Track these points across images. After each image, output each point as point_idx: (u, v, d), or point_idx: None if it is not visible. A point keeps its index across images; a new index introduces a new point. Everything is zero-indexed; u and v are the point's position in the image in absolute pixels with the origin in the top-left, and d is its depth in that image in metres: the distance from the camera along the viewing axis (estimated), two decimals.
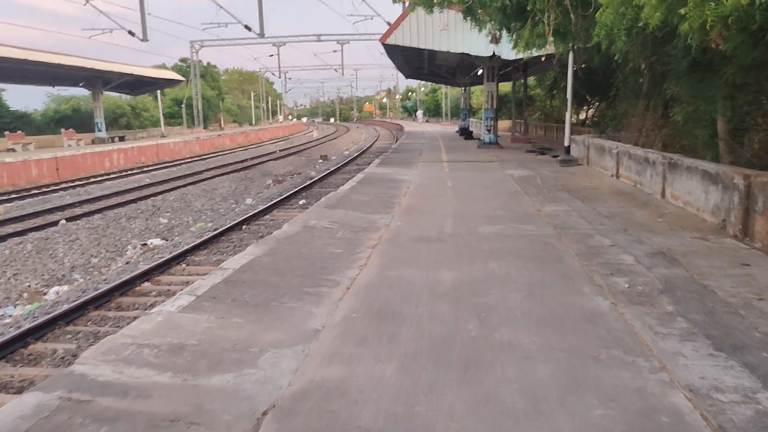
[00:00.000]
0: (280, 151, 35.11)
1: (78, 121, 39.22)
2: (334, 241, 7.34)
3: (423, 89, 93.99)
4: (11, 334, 6.46)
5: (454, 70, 35.21)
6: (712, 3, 4.51)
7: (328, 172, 21.31)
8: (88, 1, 26.36)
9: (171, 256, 9.65)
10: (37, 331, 6.72)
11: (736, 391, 3.27)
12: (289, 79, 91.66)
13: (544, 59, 17.15)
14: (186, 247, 10.16)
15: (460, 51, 21.46)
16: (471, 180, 13.59)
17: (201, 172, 23.74)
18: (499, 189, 11.90)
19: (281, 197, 15.40)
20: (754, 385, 3.33)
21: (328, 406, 3.17)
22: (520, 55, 10.01)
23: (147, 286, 8.50)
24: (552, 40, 8.43)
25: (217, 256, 9.90)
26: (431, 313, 4.61)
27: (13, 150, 25.93)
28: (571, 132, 17.35)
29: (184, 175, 22.76)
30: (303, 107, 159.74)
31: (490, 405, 3.17)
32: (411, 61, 31.75)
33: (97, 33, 33.65)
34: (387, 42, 21.85)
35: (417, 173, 15.23)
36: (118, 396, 3.26)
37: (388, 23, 25.43)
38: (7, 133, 27.94)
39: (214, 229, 11.84)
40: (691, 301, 4.78)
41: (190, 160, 31.68)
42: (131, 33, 29.05)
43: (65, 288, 9.32)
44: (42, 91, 43.19)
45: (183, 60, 58.63)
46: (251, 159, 29.65)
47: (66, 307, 7.45)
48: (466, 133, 33.48)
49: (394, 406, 3.18)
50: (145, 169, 26.59)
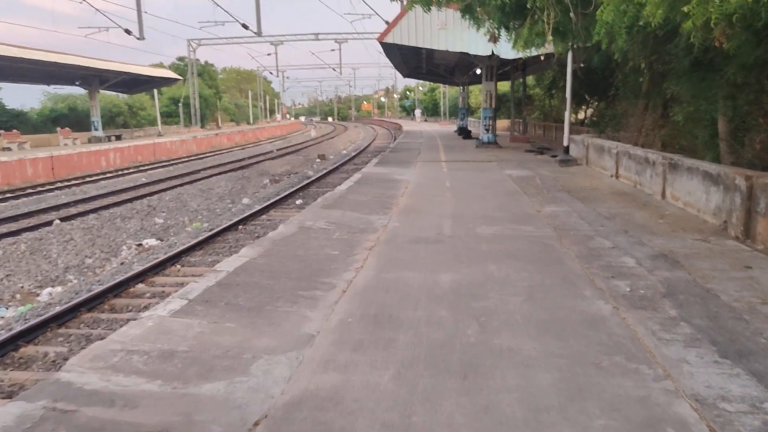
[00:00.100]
0: (278, 150, 34.99)
1: (74, 119, 38.96)
2: (331, 242, 7.23)
3: (421, 88, 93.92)
4: (2, 337, 6.35)
5: (452, 69, 35.11)
6: (717, 0, 4.42)
7: (326, 171, 21.21)
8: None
9: (166, 256, 9.55)
10: (29, 334, 6.64)
11: (743, 400, 3.17)
12: (287, 78, 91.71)
13: (543, 58, 17.03)
14: (181, 248, 10.06)
15: (458, 50, 21.36)
16: (469, 180, 13.50)
17: (197, 172, 23.63)
18: (498, 189, 11.81)
19: (278, 197, 15.31)
20: (761, 394, 3.23)
21: (321, 417, 3.07)
22: (518, 55, 9.89)
23: (141, 287, 8.40)
24: (551, 39, 8.32)
25: (212, 256, 9.80)
26: (429, 317, 4.51)
27: (8, 149, 25.75)
28: (570, 132, 17.26)
29: (181, 175, 22.66)
30: (301, 106, 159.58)
31: (490, 415, 3.06)
32: (409, 60, 31.63)
33: (93, 31, 33.53)
34: (385, 41, 21.74)
35: (415, 173, 15.14)
36: (104, 405, 3.14)
37: (386, 22, 25.32)
38: (2, 132, 27.73)
39: (210, 230, 11.73)
40: (695, 306, 4.69)
41: (186, 159, 31.55)
42: (128, 31, 28.87)
43: (59, 289, 9.21)
44: (38, 89, 42.90)
45: (180, 59, 58.43)
46: (248, 158, 29.54)
47: (58, 309, 7.37)
48: (464, 132, 33.38)
49: (391, 416, 3.07)
50: (141, 168, 26.47)
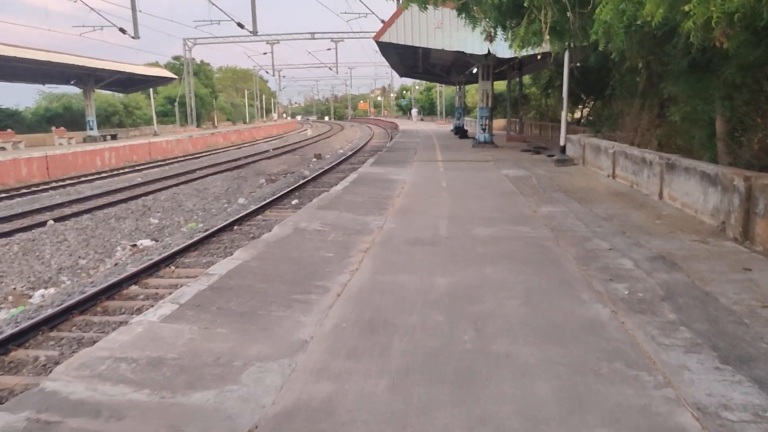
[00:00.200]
0: (274, 149, 34.88)
1: (69, 119, 38.79)
2: (326, 244, 7.14)
3: (418, 88, 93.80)
4: None
5: (448, 68, 35.03)
6: None
7: (322, 171, 21.12)
8: None
9: (160, 257, 9.46)
10: (20, 337, 6.56)
11: (745, 409, 3.10)
12: (284, 77, 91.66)
13: (539, 58, 16.96)
14: (176, 249, 9.98)
15: (454, 49, 21.27)
16: (466, 180, 13.42)
17: (193, 171, 23.52)
18: (495, 189, 11.74)
19: (274, 197, 15.23)
20: (764, 402, 3.16)
21: (313, 428, 2.98)
22: (515, 54, 9.82)
23: (134, 289, 8.31)
24: (548, 38, 8.25)
25: (207, 257, 9.71)
26: (425, 322, 4.42)
27: (3, 149, 25.58)
28: (567, 131, 17.20)
29: (176, 174, 22.54)
30: (298, 105, 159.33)
31: (487, 427, 2.98)
32: (405, 59, 31.54)
33: (87, 30, 33.34)
34: (381, 40, 21.63)
35: (411, 173, 15.05)
36: (89, 417, 3.05)
37: (382, 21, 25.23)
38: None
39: (205, 230, 11.64)
40: (694, 309, 4.62)
41: (182, 158, 31.42)
42: (122, 30, 28.69)
43: (51, 291, 9.11)
44: (33, 88, 42.71)
45: (176, 58, 58.20)
46: (244, 158, 29.42)
47: (50, 311, 7.27)
48: (461, 131, 33.33)
49: (385, 428, 2.98)
50: (136, 168, 26.33)
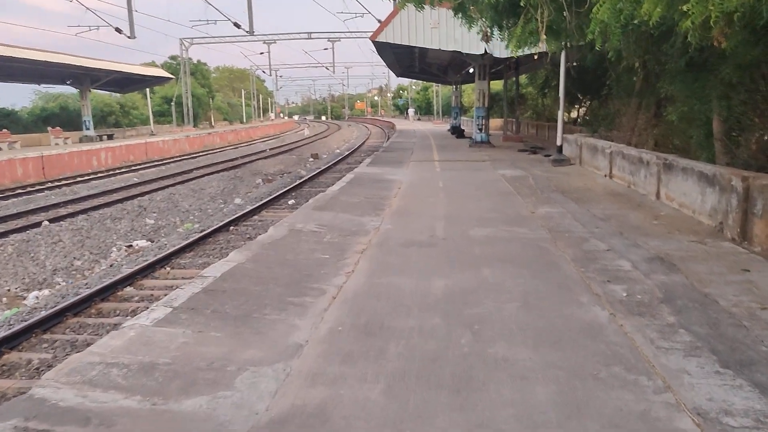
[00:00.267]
0: (271, 149, 34.80)
1: (66, 119, 38.61)
2: (322, 245, 7.08)
3: (414, 87, 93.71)
4: None
5: (445, 68, 34.97)
6: None
7: (319, 171, 21.05)
8: None
9: (155, 258, 9.40)
10: (13, 340, 6.49)
11: (746, 414, 3.05)
12: (281, 77, 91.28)
13: (536, 57, 16.93)
14: (171, 250, 9.92)
15: (451, 49, 21.23)
16: (463, 180, 13.37)
17: (190, 171, 23.42)
18: (491, 189, 11.70)
19: (270, 197, 15.17)
20: (765, 408, 3.10)
21: None
22: (511, 53, 9.76)
23: (129, 290, 8.25)
24: (545, 37, 8.20)
25: (203, 258, 9.65)
26: (421, 326, 4.37)
27: None
28: (563, 131, 17.16)
29: (173, 174, 22.44)
30: (294, 105, 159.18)
31: None
32: (402, 59, 31.47)
33: (83, 30, 33.19)
34: (377, 39, 21.57)
35: (408, 173, 15.00)
36: (78, 424, 2.99)
37: (379, 21, 25.20)
38: None
39: (201, 231, 11.57)
40: (693, 312, 4.57)
41: (179, 158, 31.29)
42: (118, 30, 28.57)
43: (46, 292, 9.04)
44: (29, 88, 42.48)
45: (173, 57, 58.00)
46: (241, 157, 29.34)
47: (44, 314, 7.20)
48: (457, 131, 33.28)
49: None
50: (133, 168, 26.20)
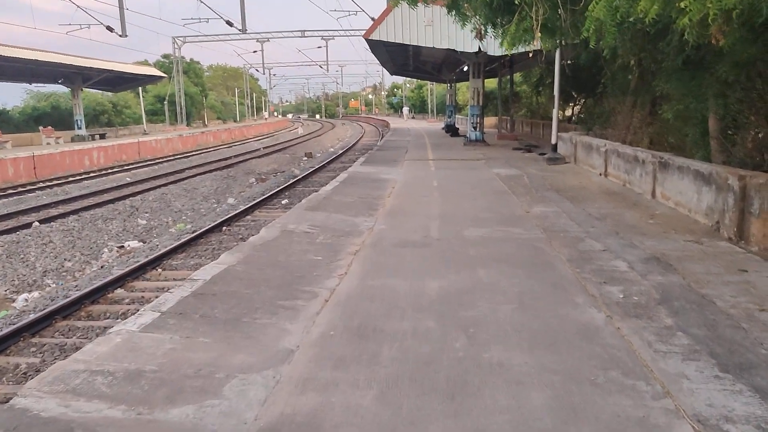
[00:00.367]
0: (264, 148, 34.67)
1: (57, 118, 38.37)
2: (314, 247, 6.99)
3: (409, 86, 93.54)
4: None
5: (439, 66, 34.91)
6: None
7: (313, 170, 20.95)
8: None
9: (147, 260, 9.28)
10: (1, 344, 6.36)
11: (747, 420, 2.97)
12: (274, 75, 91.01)
13: (530, 55, 16.89)
14: (163, 251, 9.81)
15: (445, 47, 21.15)
16: (457, 179, 13.30)
17: (182, 171, 23.28)
18: (486, 188, 11.63)
19: (264, 197, 15.06)
20: (766, 413, 3.03)
21: None
22: (506, 51, 9.69)
23: (120, 292, 8.13)
24: (539, 35, 8.12)
25: (195, 259, 9.54)
26: (415, 329, 4.28)
27: None
28: (558, 129, 17.11)
29: (165, 174, 22.29)
30: (288, 103, 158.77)
31: None
32: (396, 57, 31.38)
33: (75, 29, 32.91)
34: (371, 37, 21.48)
35: (402, 172, 14.91)
36: None
37: (373, 19, 25.05)
38: None
39: (193, 231, 11.46)
40: (691, 313, 4.51)
41: (172, 158, 31.10)
42: (109, 28, 28.28)
43: (35, 294, 8.91)
44: (20, 87, 42.18)
45: (165, 56, 57.76)
46: (234, 157, 29.19)
47: (32, 317, 7.08)
48: (452, 130, 33.22)
49: None
50: (125, 167, 26.01)
